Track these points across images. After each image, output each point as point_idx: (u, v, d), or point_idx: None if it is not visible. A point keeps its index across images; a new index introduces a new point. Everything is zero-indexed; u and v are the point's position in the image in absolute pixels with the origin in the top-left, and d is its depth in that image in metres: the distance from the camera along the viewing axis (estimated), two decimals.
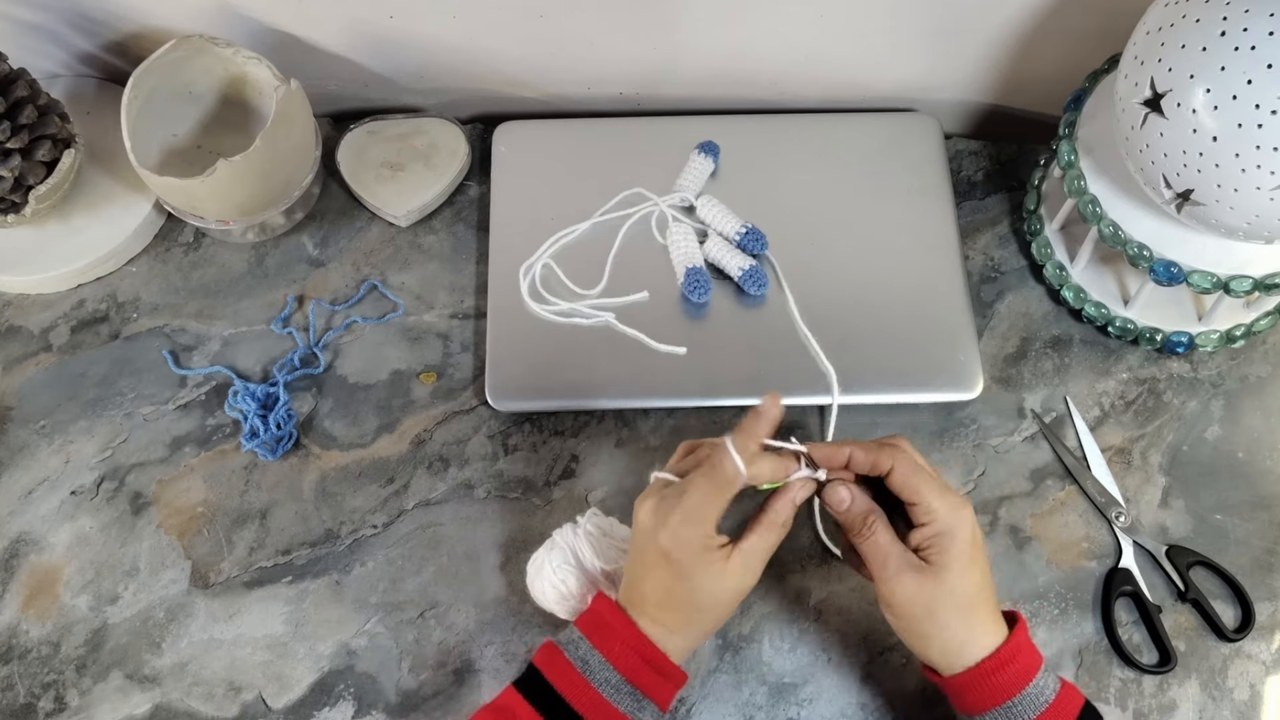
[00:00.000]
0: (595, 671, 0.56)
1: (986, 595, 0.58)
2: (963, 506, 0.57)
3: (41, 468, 0.76)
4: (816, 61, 0.82)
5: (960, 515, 0.57)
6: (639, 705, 0.57)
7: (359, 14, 0.78)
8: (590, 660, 0.57)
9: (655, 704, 0.58)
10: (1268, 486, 0.75)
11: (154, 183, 0.75)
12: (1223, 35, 0.57)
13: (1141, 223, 0.70)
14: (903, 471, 0.58)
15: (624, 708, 0.56)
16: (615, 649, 0.57)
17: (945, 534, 0.57)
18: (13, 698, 0.69)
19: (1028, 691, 0.56)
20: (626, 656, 0.57)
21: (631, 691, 0.57)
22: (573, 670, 0.57)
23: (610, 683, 0.56)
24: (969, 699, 0.57)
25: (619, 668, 0.57)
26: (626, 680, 0.57)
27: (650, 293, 0.78)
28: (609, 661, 0.57)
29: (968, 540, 0.57)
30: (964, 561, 0.57)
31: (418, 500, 0.74)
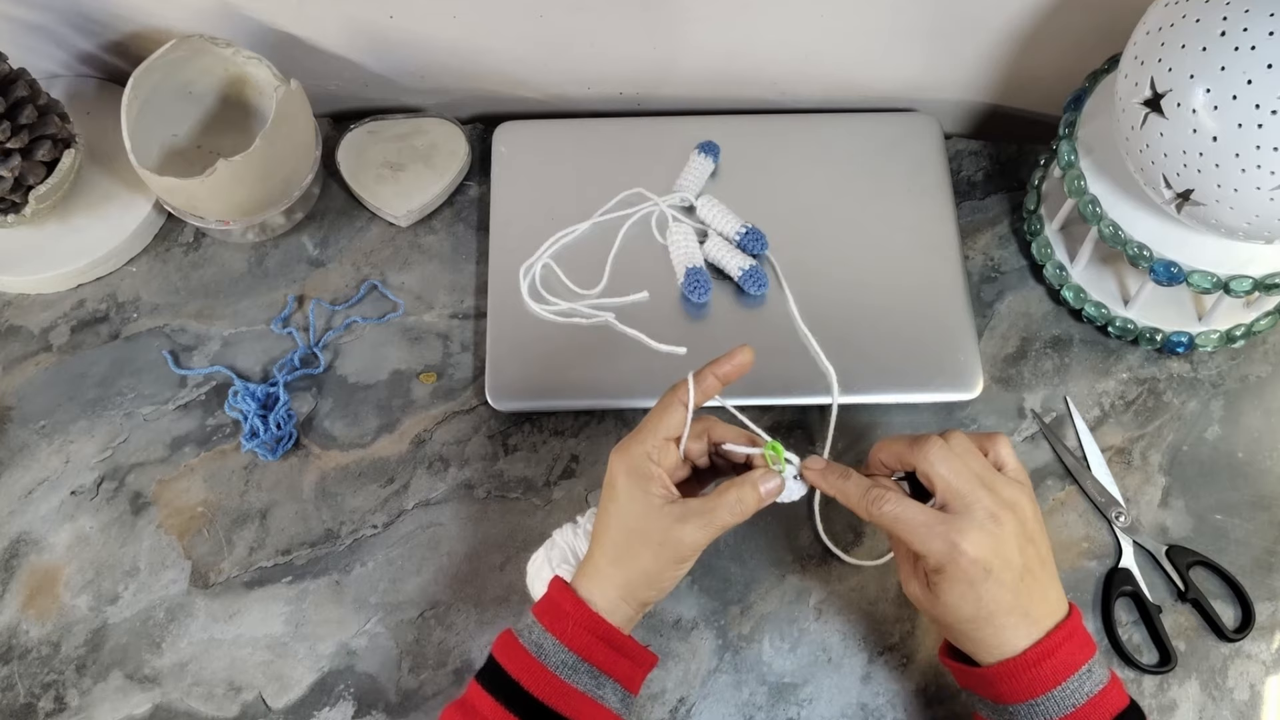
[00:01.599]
0: (550, 654, 0.56)
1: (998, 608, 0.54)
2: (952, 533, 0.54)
3: (41, 468, 0.76)
4: (816, 61, 0.82)
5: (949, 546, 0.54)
6: (598, 683, 0.56)
7: (359, 14, 0.78)
8: (544, 643, 0.56)
9: (617, 681, 0.57)
10: (1268, 486, 0.75)
11: (154, 183, 0.75)
12: (1223, 35, 0.57)
13: (1141, 223, 0.70)
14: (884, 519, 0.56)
15: (583, 687, 0.56)
16: (567, 629, 0.57)
17: (933, 570, 0.55)
18: (13, 698, 0.69)
19: (1065, 687, 0.54)
20: (579, 635, 0.56)
21: (589, 669, 0.56)
22: (527, 655, 0.56)
23: (566, 664, 0.56)
24: (1000, 688, 0.55)
25: (572, 647, 0.56)
26: (582, 659, 0.56)
27: (650, 293, 0.78)
28: (562, 642, 0.56)
29: (961, 574, 0.54)
30: (955, 594, 0.54)
31: (418, 500, 0.74)
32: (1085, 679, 0.55)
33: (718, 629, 0.70)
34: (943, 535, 0.54)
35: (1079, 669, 0.55)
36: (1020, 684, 0.55)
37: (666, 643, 0.70)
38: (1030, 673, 0.54)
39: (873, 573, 0.72)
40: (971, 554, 0.53)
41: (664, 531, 0.56)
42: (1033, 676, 0.54)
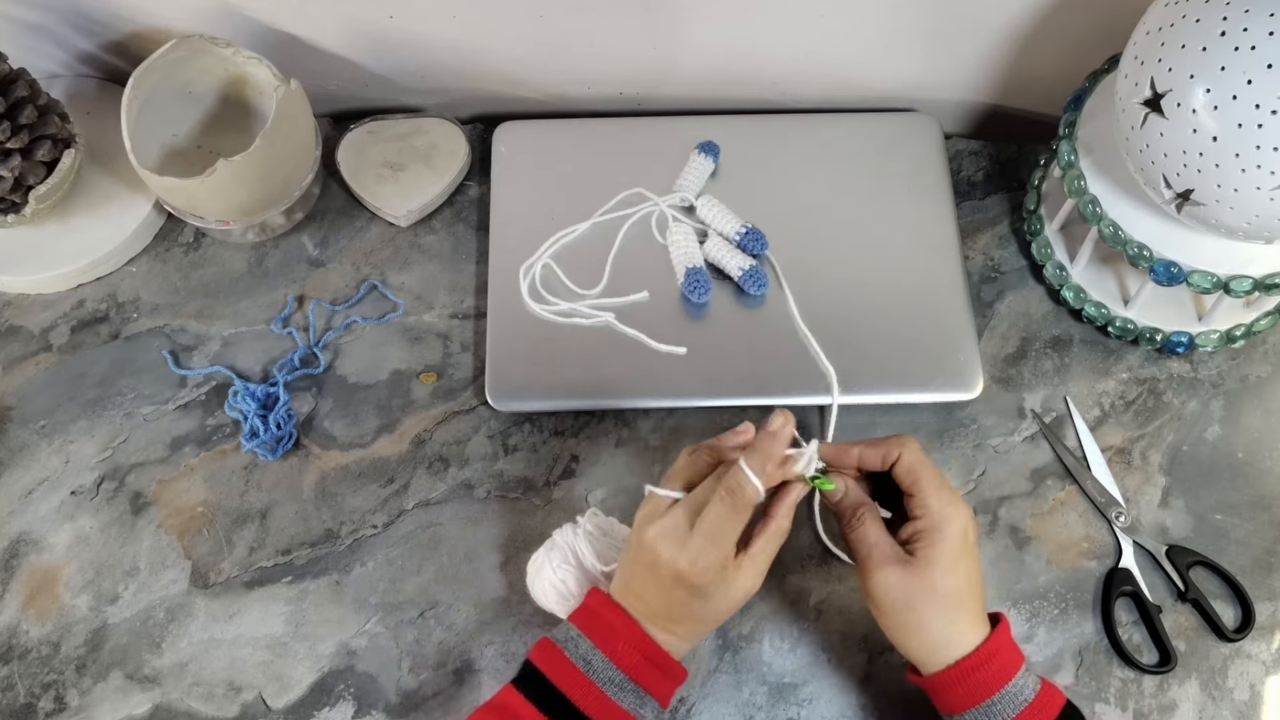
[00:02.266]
0: (598, 670, 0.56)
1: (971, 596, 0.58)
2: (957, 505, 0.58)
3: (41, 468, 0.76)
4: (816, 61, 0.82)
5: (952, 512, 0.58)
6: (641, 702, 0.57)
7: (359, 14, 0.78)
8: (592, 659, 0.57)
9: (656, 700, 0.58)
10: (1268, 486, 0.75)
11: (154, 183, 0.75)
12: (1223, 35, 0.57)
13: (1141, 223, 0.70)
14: (908, 460, 0.59)
15: (626, 705, 0.56)
16: (618, 648, 0.57)
17: (934, 529, 0.58)
18: (13, 698, 0.69)
19: (1006, 690, 0.57)
20: (630, 655, 0.57)
21: (635, 689, 0.57)
22: (574, 669, 0.57)
23: (614, 681, 0.56)
24: (948, 698, 0.58)
25: (622, 666, 0.57)
26: (630, 678, 0.57)
27: (650, 293, 0.78)
28: (612, 660, 0.57)
29: (956, 538, 0.58)
30: (949, 559, 0.57)
31: (418, 500, 0.74)
32: (1027, 678, 0.58)
33: (717, 629, 0.70)
34: (947, 497, 0.58)
35: (1017, 671, 0.57)
36: (969, 687, 0.57)
37: None
38: (976, 675, 0.57)
39: None
40: (966, 521, 0.58)
41: (745, 596, 0.58)
42: (979, 679, 0.57)
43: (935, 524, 0.58)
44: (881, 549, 0.59)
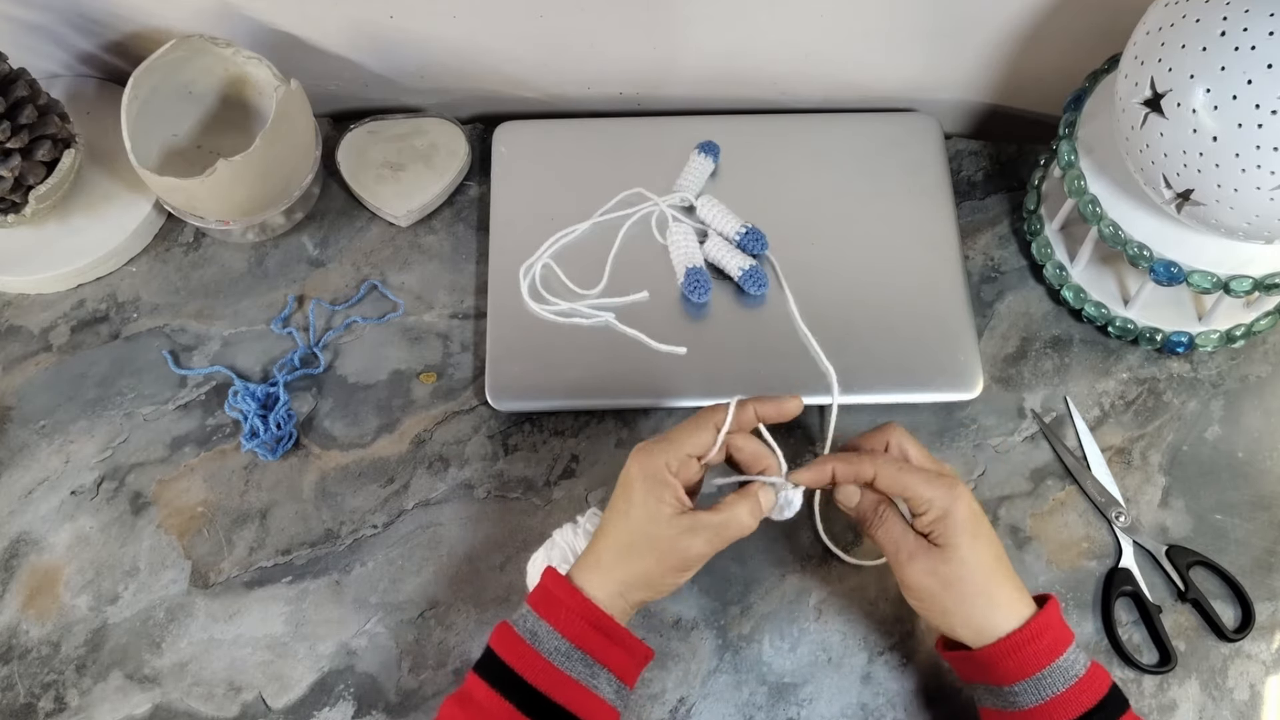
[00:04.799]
0: (543, 641, 0.57)
1: (1003, 567, 0.59)
2: (954, 486, 0.59)
3: (41, 468, 0.76)
4: (816, 61, 0.82)
5: (953, 494, 0.58)
6: (591, 671, 0.57)
7: (359, 14, 0.78)
8: (538, 630, 0.57)
9: (611, 672, 0.58)
10: (1268, 486, 0.75)
11: (154, 183, 0.75)
12: (1223, 35, 0.57)
13: (1141, 223, 0.70)
14: (885, 475, 0.60)
15: (576, 675, 0.57)
16: (561, 616, 0.58)
17: (943, 516, 0.58)
18: (13, 698, 0.69)
19: (1058, 664, 0.57)
20: (573, 622, 0.57)
21: (582, 657, 0.57)
22: (522, 643, 0.57)
23: (560, 650, 0.57)
24: (998, 670, 0.58)
25: (566, 634, 0.57)
26: (575, 646, 0.57)
27: (650, 293, 0.78)
28: (555, 629, 0.57)
29: (966, 516, 0.58)
30: (969, 536, 0.58)
31: (418, 500, 0.74)
32: (1076, 656, 0.58)
33: (718, 629, 0.70)
34: (941, 484, 0.59)
35: (1069, 647, 0.58)
36: (1021, 660, 0.57)
37: (666, 643, 0.70)
38: (1029, 649, 0.57)
39: (873, 573, 0.72)
40: (967, 499, 0.59)
41: (670, 540, 0.58)
42: (1032, 652, 0.57)
43: (942, 512, 0.58)
44: (908, 542, 0.59)
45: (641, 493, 0.59)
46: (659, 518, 0.58)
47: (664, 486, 0.59)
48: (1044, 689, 0.57)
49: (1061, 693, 0.56)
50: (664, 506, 0.58)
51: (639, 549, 0.59)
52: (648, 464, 0.59)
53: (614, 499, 0.61)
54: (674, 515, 0.58)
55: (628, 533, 0.59)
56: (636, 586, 0.59)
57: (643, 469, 0.59)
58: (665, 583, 0.60)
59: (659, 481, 0.59)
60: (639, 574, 0.59)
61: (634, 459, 0.60)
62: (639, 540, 0.59)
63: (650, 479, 0.59)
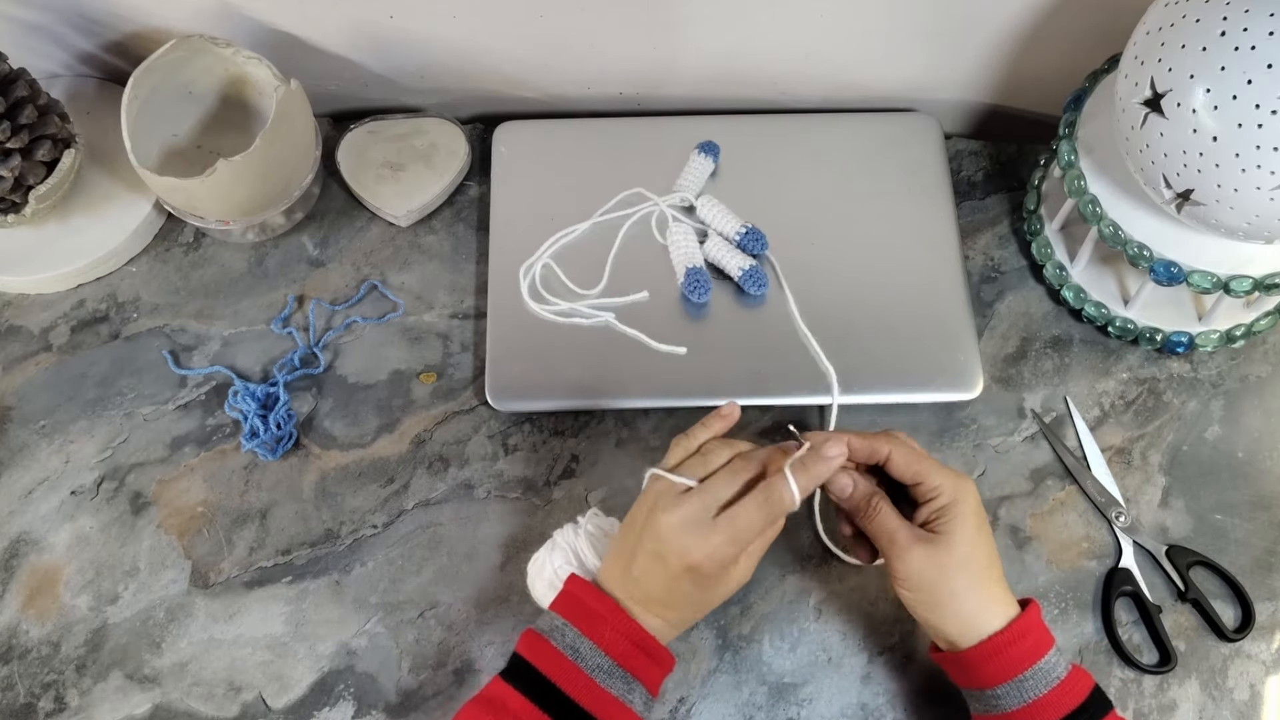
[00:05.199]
0: (586, 658, 0.57)
1: (996, 567, 0.60)
2: (963, 479, 0.60)
3: (41, 468, 0.76)
4: (816, 61, 0.82)
5: (964, 486, 0.59)
6: (630, 689, 0.57)
7: (359, 14, 0.78)
8: (580, 647, 0.57)
9: (645, 687, 0.58)
10: (1268, 486, 0.75)
11: (154, 183, 0.75)
12: (1223, 35, 0.57)
13: (1141, 223, 0.70)
14: (901, 456, 0.60)
15: (616, 692, 0.57)
16: (606, 635, 0.57)
17: (952, 504, 0.59)
18: (13, 698, 0.69)
19: (1038, 667, 0.57)
20: (618, 642, 0.57)
21: (624, 675, 0.57)
22: (563, 658, 0.57)
23: (602, 668, 0.57)
24: (981, 673, 0.58)
25: (611, 653, 0.57)
26: (619, 665, 0.57)
27: (650, 293, 0.78)
28: (599, 647, 0.57)
29: (973, 510, 0.59)
30: (972, 530, 0.59)
31: (418, 500, 0.74)
32: (1057, 659, 0.58)
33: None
34: (951, 475, 0.60)
35: (1050, 650, 0.58)
36: (1004, 662, 0.57)
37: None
38: (1011, 650, 0.58)
39: (873, 573, 0.72)
40: (975, 493, 0.60)
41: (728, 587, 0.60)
42: (1014, 654, 0.58)
43: (951, 499, 0.59)
44: (904, 532, 0.59)
45: (722, 581, 0.59)
46: (730, 587, 0.60)
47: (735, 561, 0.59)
48: (1026, 691, 0.57)
49: (1043, 695, 0.57)
50: (734, 572, 0.59)
51: (705, 611, 0.61)
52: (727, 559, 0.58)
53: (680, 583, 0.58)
54: (734, 569, 0.59)
55: (701, 606, 0.61)
56: (687, 621, 0.61)
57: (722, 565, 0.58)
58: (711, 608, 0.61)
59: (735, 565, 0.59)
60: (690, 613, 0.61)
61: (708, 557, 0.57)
62: (709, 607, 0.61)
63: (729, 569, 0.59)
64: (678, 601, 0.59)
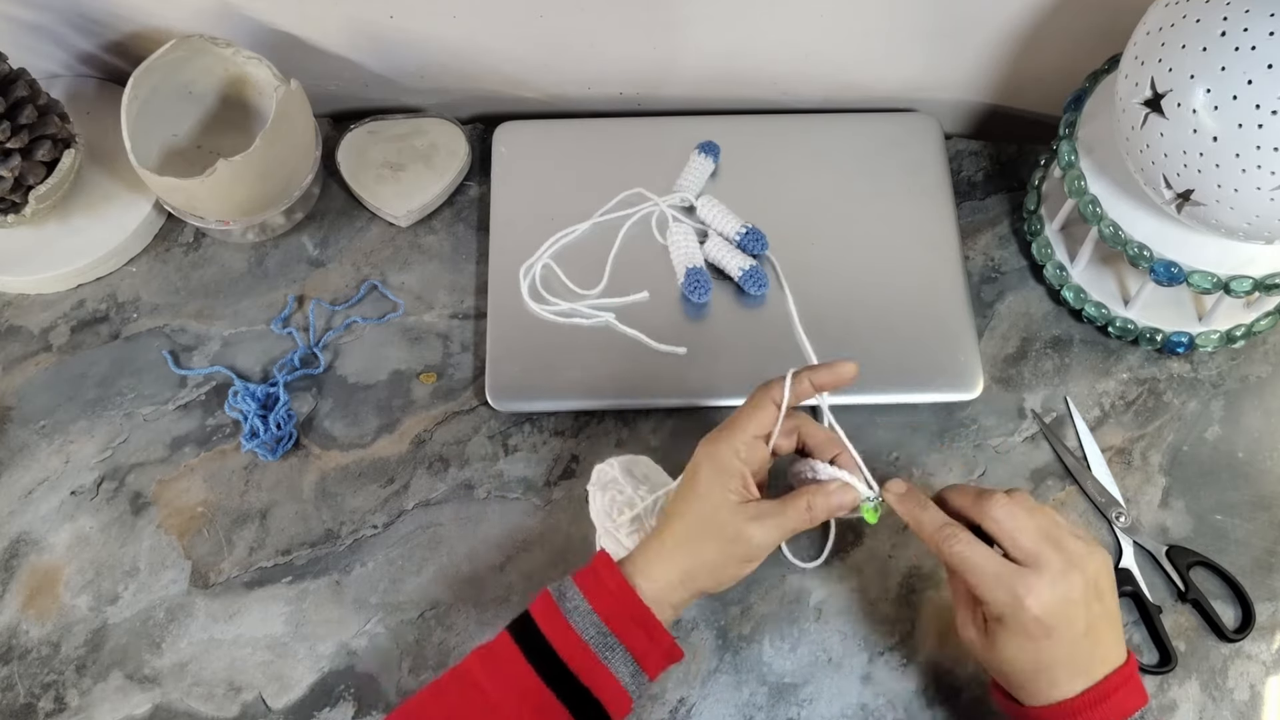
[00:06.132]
0: (574, 612, 0.57)
1: (1061, 662, 0.54)
2: (1019, 591, 0.53)
3: (41, 468, 0.76)
4: (817, 61, 0.82)
5: (1014, 597, 0.53)
6: (611, 651, 0.56)
7: (359, 14, 0.78)
8: (565, 591, 0.58)
9: (632, 655, 0.57)
10: (1268, 486, 0.74)
11: (154, 183, 0.75)
12: (1223, 35, 0.57)
13: (1141, 223, 0.70)
14: (952, 562, 0.56)
15: (594, 647, 0.56)
16: (589, 584, 0.58)
17: (994, 619, 0.55)
18: (13, 698, 0.69)
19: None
20: (603, 598, 0.57)
21: (605, 632, 0.56)
22: (556, 611, 0.57)
23: (579, 609, 0.57)
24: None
25: (597, 608, 0.57)
26: (602, 620, 0.57)
27: (650, 293, 0.78)
28: (587, 599, 0.57)
29: (1025, 625, 0.54)
30: (1015, 645, 0.54)
31: (418, 500, 0.74)
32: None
33: (718, 629, 0.70)
34: (1009, 587, 0.54)
35: (1130, 716, 0.55)
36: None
37: None
38: (1082, 717, 0.54)
39: (873, 573, 0.72)
40: (1035, 611, 0.53)
41: (736, 528, 0.57)
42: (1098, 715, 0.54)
43: (997, 615, 0.55)
44: (965, 609, 0.57)
45: (707, 480, 0.58)
46: (723, 505, 0.58)
47: (730, 474, 0.58)
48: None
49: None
50: (729, 494, 0.58)
51: (703, 537, 0.58)
52: (714, 451, 0.58)
53: (680, 487, 0.60)
54: (739, 503, 0.58)
55: (693, 519, 0.58)
56: (699, 575, 0.58)
57: (709, 456, 0.59)
58: (728, 573, 0.59)
59: (725, 469, 0.58)
60: (702, 562, 0.58)
61: (701, 447, 0.59)
62: (704, 528, 0.58)
63: (716, 466, 0.58)
64: (676, 518, 0.59)
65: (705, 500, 0.58)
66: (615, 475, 0.68)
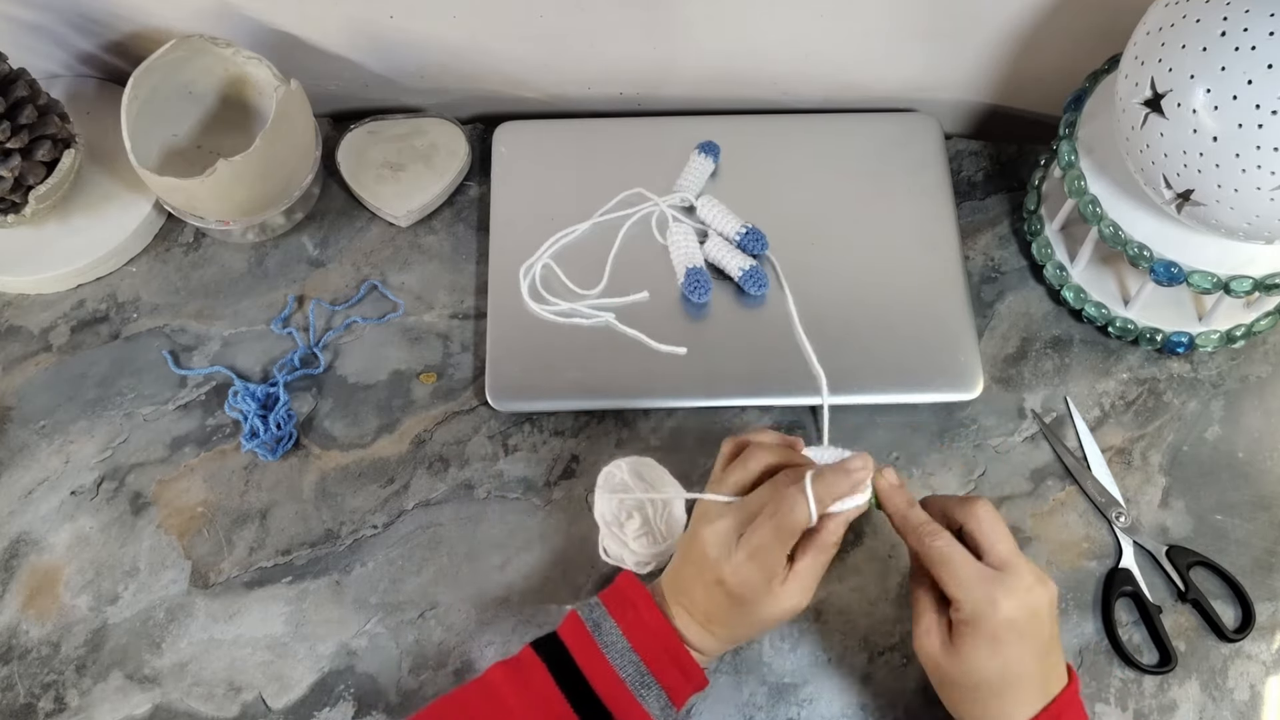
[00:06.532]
0: (609, 643, 0.57)
1: (1015, 678, 0.55)
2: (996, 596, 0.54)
3: (41, 468, 0.76)
4: (817, 61, 0.82)
5: (986, 609, 0.54)
6: (645, 685, 0.57)
7: (359, 14, 0.78)
8: (602, 624, 0.58)
9: (666, 692, 0.57)
10: (1268, 486, 0.74)
11: (154, 183, 0.75)
12: (1223, 35, 0.57)
13: (1141, 223, 0.70)
14: (929, 559, 0.56)
15: (630, 682, 0.56)
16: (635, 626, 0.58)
17: (965, 623, 0.55)
18: (13, 698, 0.69)
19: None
20: (642, 636, 0.57)
21: (643, 671, 0.57)
22: (584, 630, 0.58)
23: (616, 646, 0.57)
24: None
25: (636, 646, 0.57)
26: (641, 659, 0.57)
27: (650, 293, 0.78)
28: (625, 636, 0.57)
29: (990, 633, 0.54)
30: (984, 653, 0.54)
31: (418, 500, 0.74)
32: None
33: None
34: (986, 588, 0.54)
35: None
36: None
37: None
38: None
39: (873, 573, 0.72)
40: (1008, 612, 0.54)
41: (789, 611, 0.57)
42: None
43: (966, 617, 0.54)
44: (928, 619, 0.57)
45: (751, 595, 0.56)
46: (775, 609, 0.57)
47: (774, 584, 0.56)
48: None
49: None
50: (773, 591, 0.56)
51: (755, 629, 0.59)
52: (755, 577, 0.56)
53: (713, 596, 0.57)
54: (782, 589, 0.56)
55: (745, 626, 0.59)
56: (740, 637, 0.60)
57: (752, 583, 0.56)
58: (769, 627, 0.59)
59: (771, 584, 0.56)
60: (754, 634, 0.61)
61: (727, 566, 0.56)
62: (756, 625, 0.58)
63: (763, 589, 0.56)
64: (718, 615, 0.58)
65: (758, 613, 0.57)
66: (624, 478, 0.68)
